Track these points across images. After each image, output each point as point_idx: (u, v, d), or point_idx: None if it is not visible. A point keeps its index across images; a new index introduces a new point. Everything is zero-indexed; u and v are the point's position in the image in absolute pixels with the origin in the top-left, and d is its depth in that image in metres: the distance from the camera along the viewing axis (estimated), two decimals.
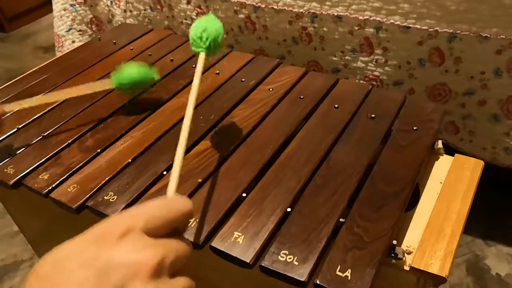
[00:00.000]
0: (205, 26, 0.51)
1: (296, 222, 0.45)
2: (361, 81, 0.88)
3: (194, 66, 0.72)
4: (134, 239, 0.28)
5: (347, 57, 0.87)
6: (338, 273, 0.40)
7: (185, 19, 1.01)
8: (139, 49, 0.80)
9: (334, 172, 0.51)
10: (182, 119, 0.62)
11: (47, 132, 0.62)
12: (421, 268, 0.44)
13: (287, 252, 0.42)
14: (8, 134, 0.63)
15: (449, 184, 0.53)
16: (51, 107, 0.67)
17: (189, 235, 0.45)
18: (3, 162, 0.58)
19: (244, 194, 0.49)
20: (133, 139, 0.59)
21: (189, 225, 0.46)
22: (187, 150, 0.56)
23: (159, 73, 0.72)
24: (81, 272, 0.26)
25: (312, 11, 0.84)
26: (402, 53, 0.81)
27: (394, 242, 0.44)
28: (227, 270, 0.49)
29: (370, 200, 0.47)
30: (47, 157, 0.57)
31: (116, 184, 0.52)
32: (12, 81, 0.75)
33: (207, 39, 0.50)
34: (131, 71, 0.63)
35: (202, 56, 0.50)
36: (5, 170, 0.56)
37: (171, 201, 0.32)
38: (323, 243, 0.43)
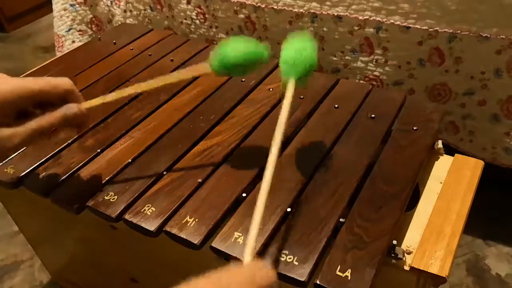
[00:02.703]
0: (300, 51, 0.45)
1: (296, 222, 0.45)
2: (361, 81, 0.88)
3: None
4: None
5: (347, 57, 0.87)
6: (338, 273, 0.40)
7: (185, 19, 1.01)
8: (139, 49, 0.80)
9: (334, 172, 0.51)
10: (182, 118, 0.62)
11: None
12: (421, 268, 0.44)
13: (287, 252, 0.42)
14: None
15: (449, 184, 0.53)
16: None
17: (189, 235, 0.45)
18: (3, 162, 0.58)
19: (244, 194, 0.49)
20: (133, 139, 0.59)
21: (188, 225, 0.46)
22: (187, 150, 0.56)
23: (159, 73, 0.72)
24: None
25: (312, 11, 0.84)
26: (402, 53, 0.81)
27: (394, 242, 0.44)
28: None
29: (370, 200, 0.47)
30: (47, 157, 0.57)
31: (116, 184, 0.52)
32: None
33: (302, 67, 0.45)
34: (237, 50, 0.47)
35: (291, 84, 0.45)
36: (5, 170, 0.56)
37: (251, 278, 0.29)
38: (323, 243, 0.43)
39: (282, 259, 0.42)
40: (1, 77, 0.43)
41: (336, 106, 0.61)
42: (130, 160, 0.55)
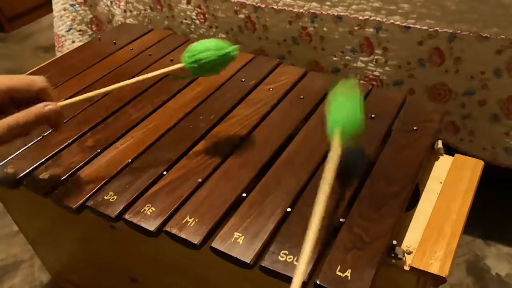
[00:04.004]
0: (348, 117, 0.46)
1: (296, 222, 0.45)
2: (361, 81, 0.88)
3: None
4: None
5: (347, 57, 0.87)
6: (338, 273, 0.40)
7: (185, 19, 1.01)
8: (139, 49, 0.80)
9: None
10: (182, 118, 0.62)
11: (47, 132, 0.62)
12: (421, 268, 0.44)
13: (287, 252, 0.42)
14: None
15: (449, 184, 0.53)
16: None
17: (189, 235, 0.45)
18: (3, 162, 0.58)
19: (244, 194, 0.49)
20: (133, 139, 0.59)
21: (188, 225, 0.46)
22: (187, 150, 0.56)
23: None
24: None
25: (312, 11, 0.84)
26: (402, 53, 0.81)
27: (394, 242, 0.44)
28: (226, 270, 0.49)
29: (370, 200, 0.47)
30: (47, 157, 0.57)
31: (116, 184, 0.52)
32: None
33: (349, 133, 0.46)
34: (206, 46, 0.52)
35: (336, 143, 0.45)
36: (5, 170, 0.56)
37: None
38: (323, 243, 0.43)
39: (282, 259, 0.42)
40: None
41: None
42: (130, 160, 0.55)
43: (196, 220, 0.46)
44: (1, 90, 0.44)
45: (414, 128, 0.56)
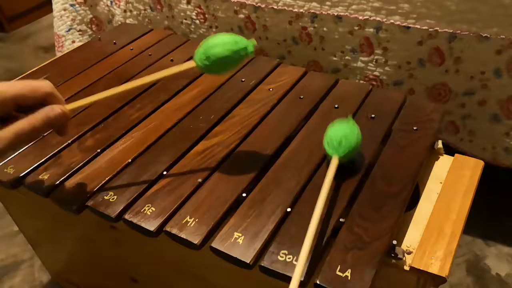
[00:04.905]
0: (347, 132, 0.48)
1: (296, 222, 0.45)
2: (361, 81, 0.88)
3: None
4: None
5: (347, 57, 0.87)
6: (338, 273, 0.40)
7: (185, 19, 1.01)
8: (139, 49, 0.80)
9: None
10: (182, 118, 0.62)
11: (47, 132, 0.62)
12: (421, 268, 0.44)
13: (286, 252, 0.42)
14: None
15: (449, 184, 0.53)
16: None
17: (189, 235, 0.45)
18: (3, 162, 0.58)
19: (244, 194, 0.49)
20: (133, 139, 0.59)
21: (188, 225, 0.46)
22: (187, 150, 0.56)
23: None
24: None
25: (312, 11, 0.84)
26: (402, 53, 0.81)
27: (394, 242, 0.44)
28: (226, 270, 0.49)
29: (370, 200, 0.47)
30: (47, 157, 0.57)
31: (116, 184, 0.52)
32: (12, 81, 0.74)
33: (346, 146, 0.48)
34: (219, 46, 0.47)
35: (335, 161, 0.47)
36: (5, 170, 0.56)
37: None
38: (323, 243, 0.43)
39: (282, 259, 0.42)
40: None
41: (336, 106, 0.61)
42: (130, 160, 0.55)
43: (196, 220, 0.46)
44: (5, 98, 0.42)
45: (414, 128, 0.56)
